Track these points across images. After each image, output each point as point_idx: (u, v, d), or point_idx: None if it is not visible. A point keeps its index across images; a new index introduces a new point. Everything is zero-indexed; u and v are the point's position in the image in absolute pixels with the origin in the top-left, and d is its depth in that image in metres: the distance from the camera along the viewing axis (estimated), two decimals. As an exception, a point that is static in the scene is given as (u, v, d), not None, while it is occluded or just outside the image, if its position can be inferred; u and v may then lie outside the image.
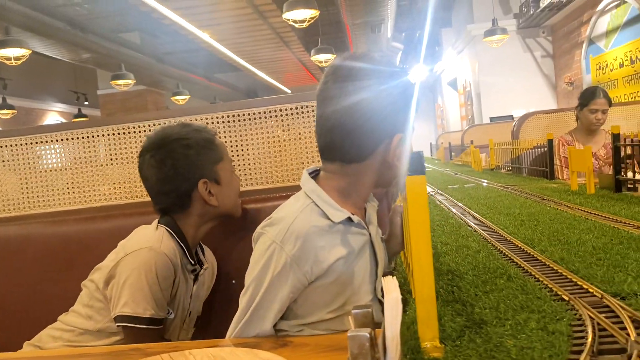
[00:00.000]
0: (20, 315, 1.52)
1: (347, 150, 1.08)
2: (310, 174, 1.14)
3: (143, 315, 1.27)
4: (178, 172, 1.37)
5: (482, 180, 3.48)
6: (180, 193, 1.38)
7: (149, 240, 1.33)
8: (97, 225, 1.56)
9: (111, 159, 1.63)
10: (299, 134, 1.57)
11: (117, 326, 1.30)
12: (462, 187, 3.14)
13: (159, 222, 1.39)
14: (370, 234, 1.11)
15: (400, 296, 0.65)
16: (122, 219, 1.55)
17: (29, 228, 1.59)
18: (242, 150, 1.58)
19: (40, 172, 1.65)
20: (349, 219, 1.06)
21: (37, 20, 7.59)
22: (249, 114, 1.59)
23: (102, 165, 1.63)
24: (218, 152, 1.42)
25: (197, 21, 8.74)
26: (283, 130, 1.58)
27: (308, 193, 1.08)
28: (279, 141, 1.58)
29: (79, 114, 13.82)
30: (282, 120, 1.56)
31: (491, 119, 9.14)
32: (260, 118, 1.59)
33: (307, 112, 1.55)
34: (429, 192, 2.99)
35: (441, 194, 2.84)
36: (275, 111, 1.56)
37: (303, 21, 6.54)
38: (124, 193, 1.62)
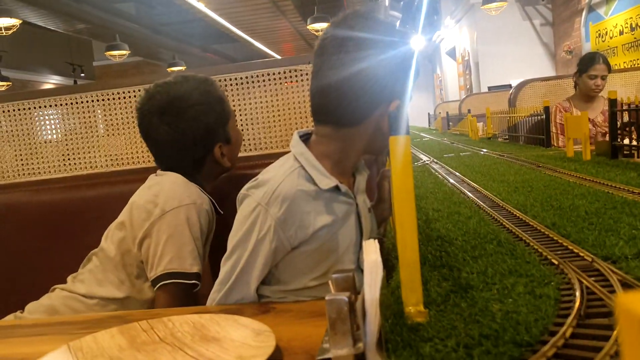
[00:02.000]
0: (6, 285, 1.50)
1: (342, 113, 1.05)
2: (301, 137, 1.11)
3: (190, 270, 1.23)
4: (195, 138, 1.33)
5: (479, 148, 3.45)
6: (195, 157, 1.36)
7: (187, 194, 1.29)
8: (82, 194, 1.53)
9: (95, 127, 1.59)
10: (289, 99, 1.53)
11: (159, 287, 1.23)
12: (458, 156, 3.11)
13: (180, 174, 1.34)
14: (357, 204, 1.08)
15: (379, 259, 0.62)
16: (107, 187, 1.52)
17: (12, 197, 1.56)
18: (230, 115, 1.55)
19: (23, 140, 1.62)
20: (337, 187, 1.03)
21: (28, -11, 7.46)
22: (236, 79, 1.55)
23: (86, 133, 1.59)
24: (228, 110, 1.39)
25: (192, -10, 8.60)
26: (272, 96, 1.54)
27: (297, 156, 1.05)
28: (268, 107, 1.54)
29: (75, 84, 13.71)
30: (271, 85, 1.53)
31: (489, 88, 9.07)
32: (248, 83, 1.55)
33: (297, 76, 1.51)
34: (424, 161, 2.97)
35: (436, 162, 2.82)
36: (264, 75, 1.52)
37: (298, -11, 6.42)
38: (109, 161, 1.59)
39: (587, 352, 0.58)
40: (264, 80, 1.53)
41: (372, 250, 0.66)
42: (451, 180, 2.07)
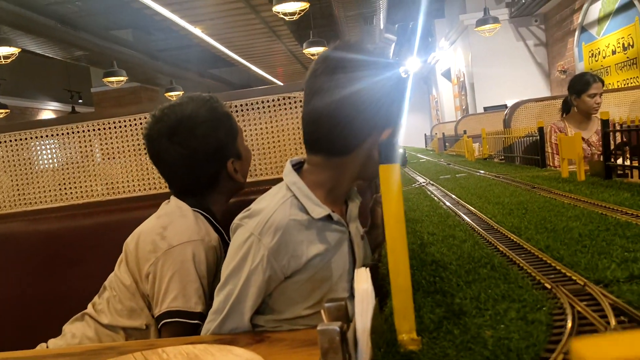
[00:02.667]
0: (4, 316, 1.50)
1: (333, 143, 1.06)
2: (293, 165, 1.12)
3: (194, 310, 1.20)
4: (207, 155, 1.33)
5: (475, 170, 3.46)
6: (208, 176, 1.36)
7: (195, 231, 1.27)
8: (78, 223, 1.54)
9: (91, 156, 1.60)
10: (284, 125, 1.55)
11: (161, 325, 1.20)
12: (454, 177, 3.12)
13: (190, 205, 1.33)
14: (349, 232, 1.09)
15: (370, 288, 0.63)
16: (103, 215, 1.53)
17: (9, 227, 1.57)
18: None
19: (20, 170, 1.63)
20: (329, 216, 1.04)
21: (27, 18, 7.53)
22: (230, 106, 1.56)
23: (81, 162, 1.61)
24: (236, 126, 1.39)
25: (189, 16, 8.70)
26: (268, 123, 1.56)
27: (289, 185, 1.06)
28: (264, 133, 1.56)
29: (73, 112, 13.77)
30: (267, 112, 1.54)
31: (485, 108, 9.13)
32: (244, 110, 1.56)
33: (292, 103, 1.53)
34: (420, 183, 2.98)
35: (432, 184, 2.83)
36: (260, 102, 1.54)
37: (293, 14, 6.50)
38: (105, 190, 1.60)
39: (578, 378, 0.58)
40: (258, 108, 1.54)
41: (363, 279, 0.66)
42: (447, 203, 2.07)
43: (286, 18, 6.68)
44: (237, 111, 1.57)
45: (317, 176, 1.07)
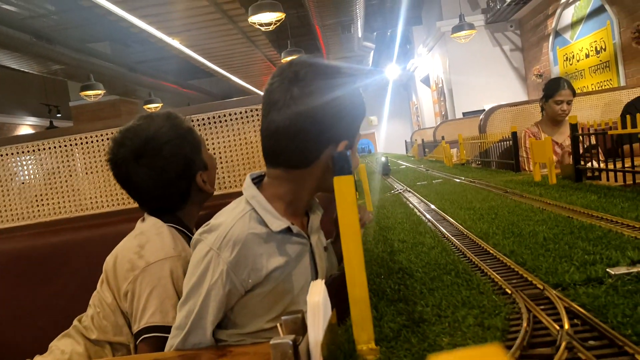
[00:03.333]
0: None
1: (291, 156, 1.06)
2: (254, 179, 1.12)
3: (172, 324, 1.17)
4: (177, 174, 1.34)
5: (452, 175, 3.49)
6: (180, 192, 1.37)
7: (172, 247, 1.28)
8: (46, 240, 1.52)
9: (57, 173, 1.59)
10: (249, 138, 1.55)
11: (140, 341, 1.20)
12: (430, 183, 3.14)
13: (165, 222, 1.34)
14: (311, 244, 1.09)
15: (321, 300, 0.63)
16: (70, 232, 1.51)
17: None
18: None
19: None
20: (289, 229, 1.04)
21: (1, 33, 7.46)
22: (197, 119, 1.56)
23: (47, 179, 1.59)
24: (198, 138, 1.40)
25: (166, 28, 8.67)
26: (235, 135, 1.56)
27: (248, 199, 1.06)
28: (229, 146, 1.56)
29: (51, 127, 13.63)
30: (232, 125, 1.54)
31: (464, 114, 9.21)
32: (209, 123, 1.56)
33: (257, 115, 1.53)
34: (398, 190, 2.99)
35: (409, 191, 2.84)
36: (225, 116, 1.54)
37: (269, 24, 6.51)
38: (72, 207, 1.59)
39: (526, 383, 0.59)
40: (225, 121, 1.54)
41: (315, 292, 0.67)
42: (421, 209, 2.09)
43: (262, 29, 6.69)
44: (203, 125, 1.57)
45: (276, 189, 1.07)
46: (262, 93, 1.12)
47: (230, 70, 12.75)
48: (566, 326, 0.72)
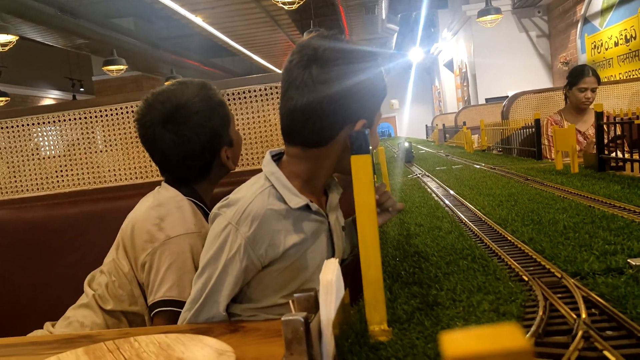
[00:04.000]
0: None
1: (309, 135, 1.05)
2: (273, 156, 1.12)
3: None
4: (201, 145, 1.32)
5: (472, 161, 3.45)
6: (203, 164, 1.35)
7: (192, 222, 1.27)
8: (64, 211, 1.53)
9: (77, 145, 1.60)
10: (269, 115, 1.54)
11: (155, 313, 1.21)
12: (450, 169, 3.11)
13: (184, 194, 1.33)
14: (329, 222, 1.09)
15: (334, 279, 0.63)
16: (89, 204, 1.52)
17: (-4, 214, 1.57)
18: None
19: (4, 158, 1.62)
20: (307, 206, 1.03)
21: (26, 6, 7.50)
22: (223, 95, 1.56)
23: (67, 150, 1.60)
24: (228, 113, 1.38)
25: (190, 5, 8.66)
26: (255, 112, 1.55)
27: (268, 175, 1.05)
28: (248, 123, 1.55)
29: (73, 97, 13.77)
30: (252, 102, 1.53)
31: (486, 99, 9.09)
32: (229, 100, 1.55)
33: (277, 93, 1.52)
34: (416, 174, 2.97)
35: (428, 176, 2.82)
36: (244, 92, 1.53)
37: (292, 3, 6.45)
38: (91, 179, 1.60)
39: (541, 371, 0.58)
40: (245, 97, 1.53)
41: (329, 270, 0.66)
42: (439, 194, 2.07)
43: (285, 7, 6.64)
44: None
45: (295, 167, 1.07)
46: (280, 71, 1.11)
47: (252, 50, 12.73)
48: (583, 315, 0.70)
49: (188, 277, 1.22)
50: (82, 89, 14.35)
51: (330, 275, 0.64)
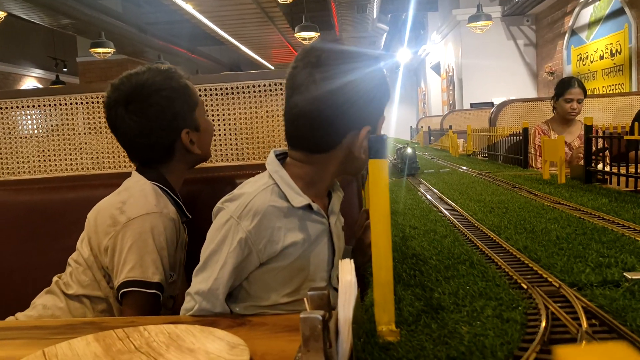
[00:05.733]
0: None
1: (312, 141, 1.07)
2: (277, 156, 1.12)
3: (151, 279, 1.22)
4: (161, 125, 1.33)
5: (458, 165, 3.50)
6: (164, 146, 1.36)
7: (153, 203, 1.29)
8: (62, 196, 1.52)
9: (79, 128, 1.59)
10: (272, 111, 1.55)
11: (120, 294, 1.23)
12: (437, 172, 3.15)
13: (148, 179, 1.34)
14: (329, 223, 1.10)
15: (354, 280, 0.64)
16: (87, 190, 1.52)
17: (-6, 195, 1.56)
18: (214, 125, 1.56)
19: (3, 138, 1.61)
20: (309, 206, 1.05)
21: (13, -18, 7.38)
22: (221, 89, 1.56)
23: (69, 134, 1.59)
24: (194, 97, 1.39)
25: (181, -9, 8.60)
26: (256, 107, 1.56)
27: (272, 173, 1.07)
28: (251, 118, 1.56)
29: (57, 81, 13.56)
30: (255, 97, 1.54)
31: (472, 104, 9.18)
32: (232, 93, 1.56)
33: (281, 89, 1.53)
34: (404, 175, 3.00)
35: (416, 178, 2.85)
36: (249, 87, 1.54)
37: (287, -4, 6.45)
38: (90, 164, 1.59)
39: (548, 378, 0.60)
40: (248, 92, 1.54)
41: (347, 271, 0.68)
42: (429, 197, 2.10)
43: (280, 1, 6.62)
44: (226, 94, 1.57)
45: (298, 170, 1.08)
46: (271, 67, 1.12)
47: (241, 40, 12.67)
48: (584, 325, 0.73)
49: (150, 257, 1.24)
50: (65, 69, 14.15)
51: (349, 275, 0.66)
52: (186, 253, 1.39)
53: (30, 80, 14.10)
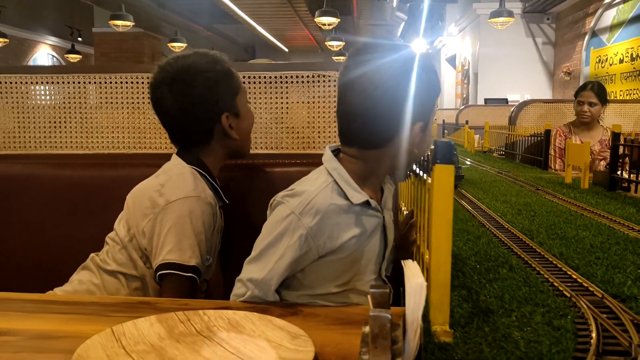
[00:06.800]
0: (20, 257, 1.52)
1: (366, 137, 1.09)
2: (332, 152, 1.15)
3: (188, 263, 1.24)
4: (203, 106, 1.35)
5: (476, 162, 3.51)
6: (203, 128, 1.37)
7: (192, 187, 1.31)
8: (103, 173, 1.55)
9: (122, 106, 1.61)
10: (313, 102, 1.57)
11: (158, 276, 1.25)
12: (457, 168, 3.17)
13: (187, 163, 1.36)
14: (384, 217, 1.13)
15: (424, 282, 0.67)
16: (128, 168, 1.54)
17: (33, 168, 1.57)
18: (256, 113, 1.57)
19: (49, 111, 1.63)
20: (367, 202, 1.07)
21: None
22: (263, 77, 1.58)
23: (113, 111, 1.61)
24: (237, 84, 1.41)
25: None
26: (297, 97, 1.58)
27: (330, 170, 1.09)
28: (292, 108, 1.58)
29: (72, 50, 13.54)
30: (297, 87, 1.56)
31: (486, 100, 9.15)
32: (274, 82, 1.58)
33: (323, 81, 1.55)
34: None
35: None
36: (292, 77, 1.56)
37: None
38: (132, 142, 1.61)
39: (608, 388, 0.63)
40: (291, 82, 1.56)
41: (415, 273, 0.70)
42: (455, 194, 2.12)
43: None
44: (268, 82, 1.58)
45: (353, 165, 1.10)
46: (285, 49, 1.14)
47: (257, 20, 12.61)
48: (636, 340, 0.75)
49: (187, 241, 1.26)
50: (80, 39, 14.11)
51: (419, 278, 0.68)
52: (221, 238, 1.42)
53: (45, 47, 14.08)
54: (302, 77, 1.55)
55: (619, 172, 2.25)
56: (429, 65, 1.12)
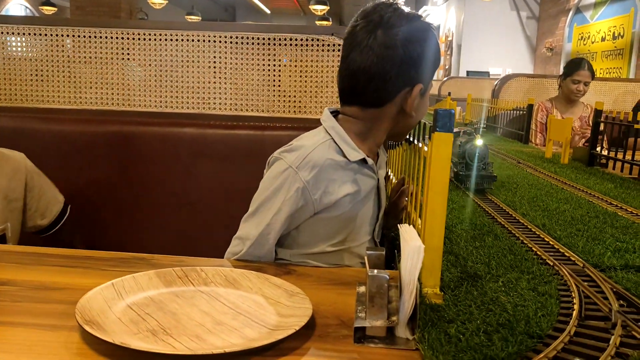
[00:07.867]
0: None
1: (368, 95, 1.12)
2: (331, 112, 1.18)
3: None
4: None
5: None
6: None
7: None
8: (92, 128, 1.54)
9: (110, 62, 1.59)
10: (306, 66, 1.57)
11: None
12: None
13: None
14: (378, 179, 1.16)
15: (422, 245, 0.69)
16: (117, 125, 1.53)
17: (21, 121, 1.56)
18: (246, 74, 1.57)
19: (30, 64, 1.60)
20: (364, 160, 1.10)
21: None
22: (257, 38, 1.57)
23: (101, 67, 1.59)
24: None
25: None
26: (290, 60, 1.58)
27: (328, 129, 1.12)
28: (285, 71, 1.58)
29: (47, 2, 13.15)
30: (290, 50, 1.56)
31: (468, 72, 9.20)
32: (267, 44, 1.57)
33: (317, 45, 1.55)
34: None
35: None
36: (285, 39, 1.55)
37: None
38: (121, 100, 1.60)
39: (590, 350, 0.67)
40: (301, 45, 1.55)
41: (413, 236, 0.73)
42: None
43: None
44: (261, 44, 1.58)
45: (352, 125, 1.13)
46: (267, 10, 1.15)
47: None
48: (615, 306, 0.79)
49: None
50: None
51: (417, 241, 0.71)
52: None
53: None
54: (296, 39, 1.55)
55: (598, 149, 2.30)
56: (435, 35, 1.16)
